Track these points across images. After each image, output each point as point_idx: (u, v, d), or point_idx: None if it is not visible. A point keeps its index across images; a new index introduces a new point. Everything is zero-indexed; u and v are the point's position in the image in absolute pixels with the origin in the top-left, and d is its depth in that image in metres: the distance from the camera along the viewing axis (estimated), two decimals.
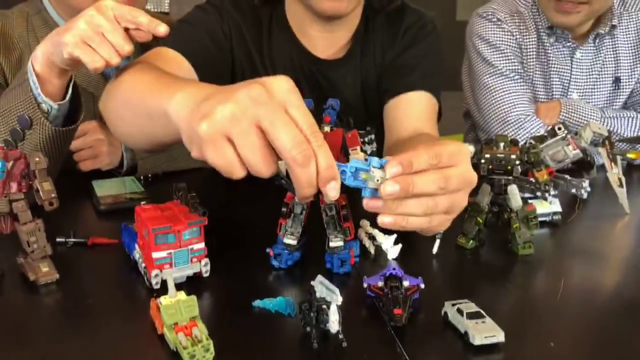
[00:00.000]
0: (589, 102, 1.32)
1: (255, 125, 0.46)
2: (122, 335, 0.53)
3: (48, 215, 0.62)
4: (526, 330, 0.55)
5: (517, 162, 0.71)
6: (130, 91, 0.67)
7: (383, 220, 0.52)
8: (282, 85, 0.48)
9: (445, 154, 0.52)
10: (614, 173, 0.90)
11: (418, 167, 0.51)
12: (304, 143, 0.46)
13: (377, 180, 0.50)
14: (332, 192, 0.48)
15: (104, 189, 0.91)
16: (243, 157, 0.46)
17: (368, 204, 0.51)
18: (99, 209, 0.85)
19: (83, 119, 0.83)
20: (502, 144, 0.71)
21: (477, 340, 0.50)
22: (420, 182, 0.50)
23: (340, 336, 0.50)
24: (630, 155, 1.16)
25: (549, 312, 0.59)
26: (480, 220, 0.73)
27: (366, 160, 0.51)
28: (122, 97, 0.69)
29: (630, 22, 1.32)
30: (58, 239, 0.70)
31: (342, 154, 0.62)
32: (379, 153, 0.98)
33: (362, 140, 0.64)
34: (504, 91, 1.27)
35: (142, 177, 1.02)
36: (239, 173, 0.48)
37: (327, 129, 0.63)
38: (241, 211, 0.92)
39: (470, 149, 0.72)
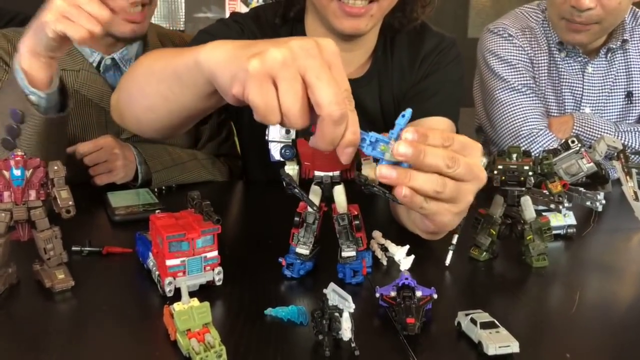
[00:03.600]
0: (602, 117, 1.31)
1: (301, 74, 0.47)
2: (136, 341, 0.53)
3: (64, 225, 0.63)
4: (541, 342, 0.54)
5: (530, 173, 0.70)
6: (152, 63, 0.68)
7: (400, 192, 0.52)
8: (330, 47, 0.50)
9: (457, 142, 0.53)
10: (630, 186, 0.90)
11: (431, 142, 0.52)
12: (343, 102, 0.48)
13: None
14: (347, 157, 0.51)
15: (119, 200, 0.92)
16: (283, 104, 0.48)
17: (381, 171, 0.52)
18: (114, 219, 0.86)
19: (92, 122, 0.86)
20: (514, 155, 0.71)
21: (491, 350, 0.50)
22: (430, 153, 0.51)
23: (353, 344, 0.50)
24: None
25: (564, 324, 0.59)
26: (494, 232, 0.72)
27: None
28: (143, 72, 0.70)
29: None
30: (73, 248, 0.71)
31: (354, 165, 0.62)
32: None
33: None
34: (516, 106, 1.27)
35: (155, 189, 1.03)
36: (274, 118, 0.48)
37: None
38: (254, 221, 0.93)
39: (483, 160, 0.72)
